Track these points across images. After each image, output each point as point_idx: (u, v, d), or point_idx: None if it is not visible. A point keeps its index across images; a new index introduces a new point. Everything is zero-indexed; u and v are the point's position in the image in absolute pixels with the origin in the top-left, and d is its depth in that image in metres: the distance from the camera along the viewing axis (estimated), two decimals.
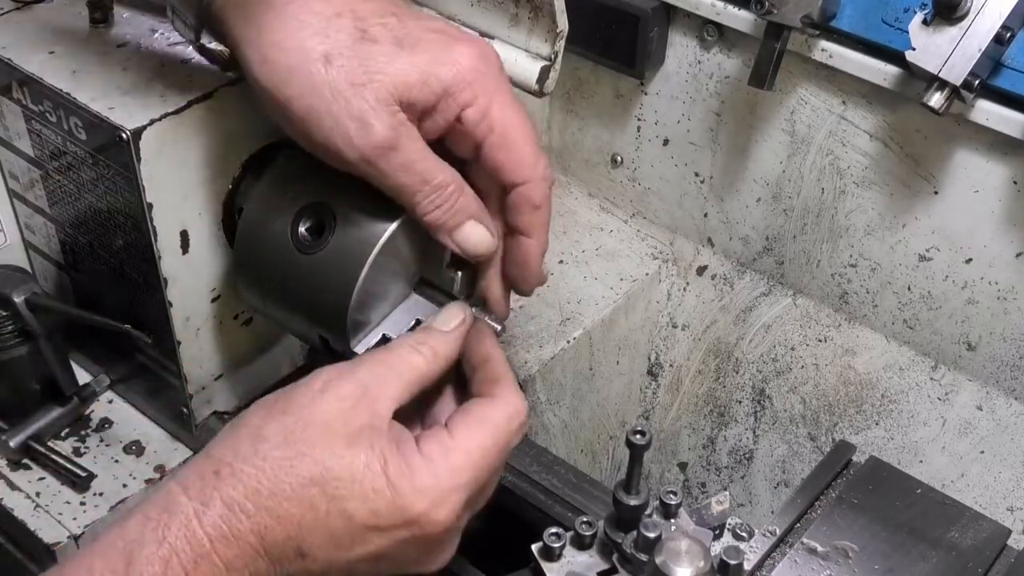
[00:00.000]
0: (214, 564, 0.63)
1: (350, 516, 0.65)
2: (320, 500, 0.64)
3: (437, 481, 0.66)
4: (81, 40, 0.88)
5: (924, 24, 0.91)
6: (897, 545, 0.81)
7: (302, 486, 0.64)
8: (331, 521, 0.65)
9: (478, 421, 0.70)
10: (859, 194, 1.10)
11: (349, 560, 0.66)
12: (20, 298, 0.91)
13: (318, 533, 0.64)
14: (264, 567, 0.64)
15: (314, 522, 0.64)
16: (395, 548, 0.66)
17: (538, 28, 0.83)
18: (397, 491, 0.65)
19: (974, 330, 1.08)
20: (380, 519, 0.65)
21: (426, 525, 0.66)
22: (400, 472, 0.66)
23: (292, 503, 0.64)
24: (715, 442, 1.28)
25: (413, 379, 0.71)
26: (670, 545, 0.67)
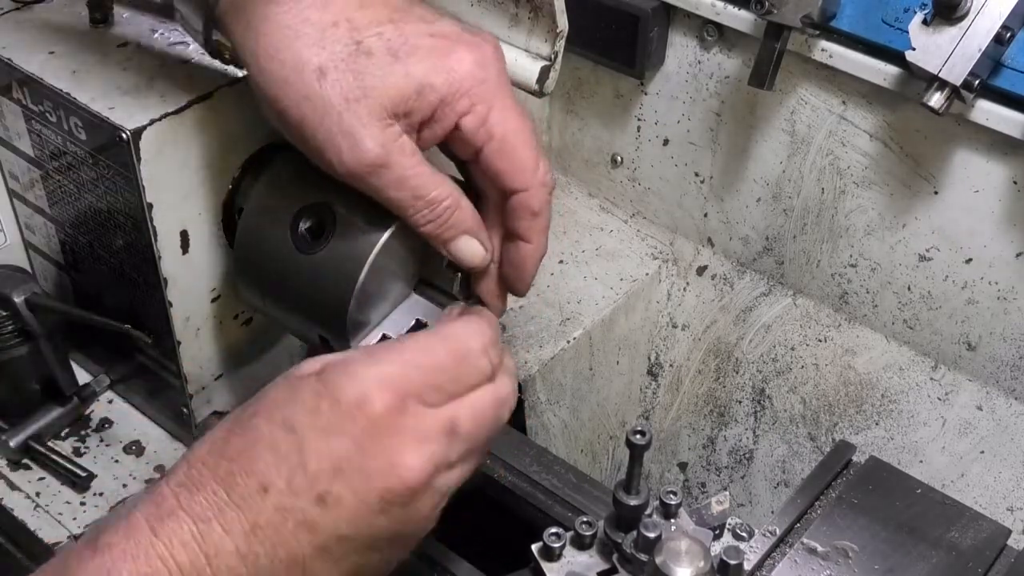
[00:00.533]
0: (179, 517, 0.61)
1: (292, 426, 0.63)
2: (263, 424, 0.63)
3: (372, 366, 0.65)
4: (81, 40, 0.88)
5: (924, 24, 0.91)
6: (897, 545, 0.81)
7: (247, 421, 0.64)
8: (277, 439, 0.63)
9: (431, 332, 0.70)
10: (859, 194, 1.10)
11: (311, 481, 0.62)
12: (20, 298, 0.91)
13: (268, 456, 0.62)
14: (232, 515, 0.61)
15: (262, 447, 0.63)
16: (349, 447, 0.63)
17: (538, 28, 0.83)
18: (330, 383, 0.64)
19: (974, 330, 1.08)
20: (320, 417, 0.63)
21: (366, 406, 0.63)
22: (331, 367, 0.65)
23: (238, 437, 0.64)
24: (715, 442, 1.28)
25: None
26: (670, 545, 0.67)
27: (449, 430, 0.66)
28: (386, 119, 0.71)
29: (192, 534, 0.61)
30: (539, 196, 0.75)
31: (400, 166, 0.72)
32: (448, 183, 0.74)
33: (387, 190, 0.72)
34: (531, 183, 0.75)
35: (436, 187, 0.73)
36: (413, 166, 0.72)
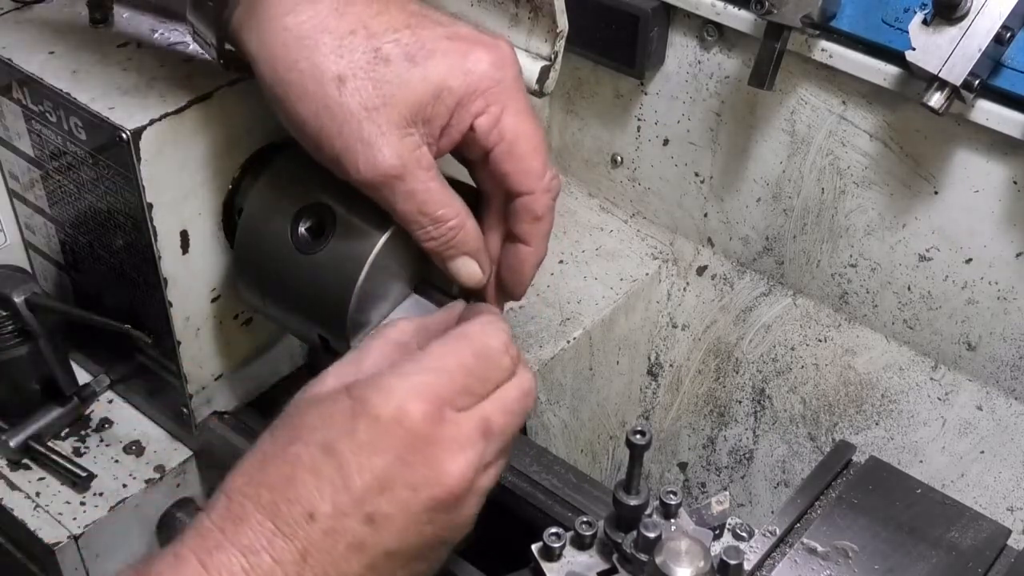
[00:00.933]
0: (228, 550, 0.61)
1: (331, 448, 0.63)
2: (301, 450, 0.63)
3: (402, 379, 0.65)
4: (81, 40, 0.88)
5: (924, 24, 0.91)
6: (897, 545, 0.81)
7: (283, 448, 0.64)
8: (317, 463, 0.63)
9: (452, 336, 0.70)
10: (859, 194, 1.10)
11: (357, 501, 0.62)
12: (20, 298, 0.91)
13: (310, 482, 0.62)
14: (281, 545, 0.61)
15: (304, 473, 0.63)
16: (393, 463, 0.63)
17: (538, 28, 0.83)
18: (363, 401, 0.64)
19: (974, 330, 1.08)
20: (359, 436, 0.63)
21: (404, 420, 0.63)
22: (361, 385, 0.65)
23: (277, 466, 0.63)
24: (715, 442, 1.28)
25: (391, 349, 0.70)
26: (670, 545, 0.67)
27: (484, 431, 0.67)
28: (405, 128, 0.71)
29: (242, 567, 0.61)
30: (543, 201, 0.76)
31: (414, 179, 0.72)
32: (456, 202, 0.75)
33: (397, 202, 0.73)
34: (536, 187, 0.75)
35: (444, 205, 0.74)
36: (425, 180, 0.72)
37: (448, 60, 0.71)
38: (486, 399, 0.68)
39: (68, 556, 0.91)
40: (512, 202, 0.76)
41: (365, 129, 0.70)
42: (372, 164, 0.71)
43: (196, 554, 0.61)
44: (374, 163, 0.71)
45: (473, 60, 0.71)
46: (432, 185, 0.73)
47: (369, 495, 0.63)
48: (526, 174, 0.74)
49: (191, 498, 0.99)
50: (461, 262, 0.77)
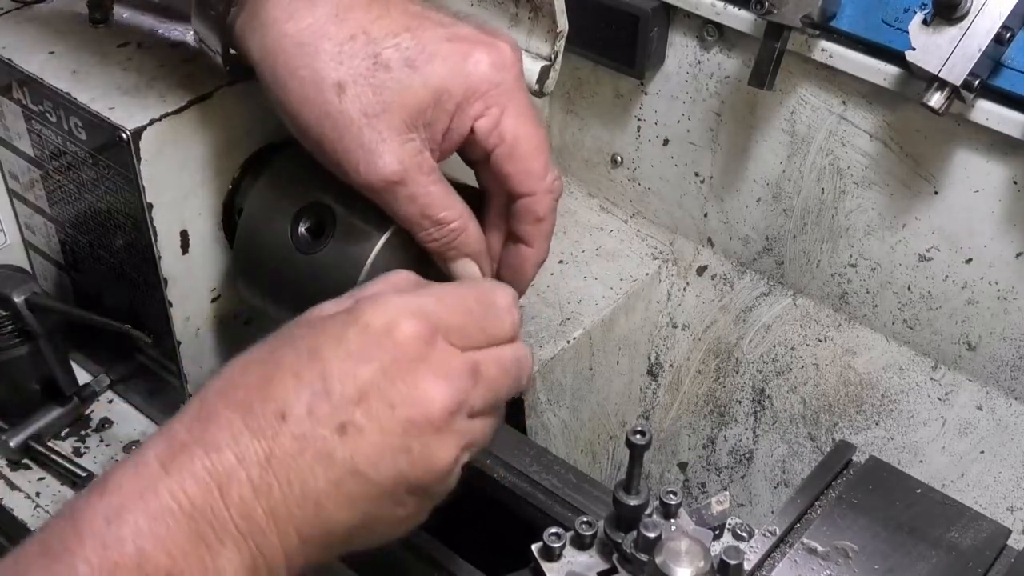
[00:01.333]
0: (192, 453, 0.58)
1: (316, 352, 0.61)
2: (288, 353, 0.62)
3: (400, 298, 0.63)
4: (81, 40, 0.88)
5: (924, 24, 0.91)
6: (897, 545, 0.81)
7: (270, 353, 0.63)
8: (300, 365, 0.61)
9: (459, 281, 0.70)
10: (859, 194, 1.10)
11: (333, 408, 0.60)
12: (20, 298, 0.91)
13: (289, 382, 0.60)
14: (247, 443, 0.58)
15: (284, 373, 0.61)
16: (373, 374, 0.61)
17: (538, 28, 0.83)
18: (358, 311, 0.62)
19: (974, 330, 1.08)
20: (346, 343, 0.61)
21: (394, 332, 0.62)
22: (358, 300, 0.64)
23: (259, 366, 0.62)
24: (715, 442, 1.28)
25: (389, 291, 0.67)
26: (670, 545, 0.67)
27: (473, 371, 0.64)
28: (406, 133, 0.71)
29: (204, 466, 0.58)
30: (545, 202, 0.76)
31: (415, 183, 0.72)
32: (458, 205, 0.75)
33: (399, 206, 0.73)
34: (538, 188, 0.75)
35: (446, 208, 0.74)
36: (427, 184, 0.73)
37: (447, 64, 0.71)
38: (481, 349, 0.65)
39: None
40: (514, 203, 0.76)
41: (366, 135, 0.70)
42: (373, 170, 0.71)
43: (159, 458, 0.58)
44: (375, 169, 0.71)
45: (473, 62, 0.71)
46: (433, 189, 0.73)
47: (346, 403, 0.60)
48: (527, 175, 0.74)
49: None
50: (462, 264, 0.77)
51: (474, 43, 0.72)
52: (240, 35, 0.73)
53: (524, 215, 0.76)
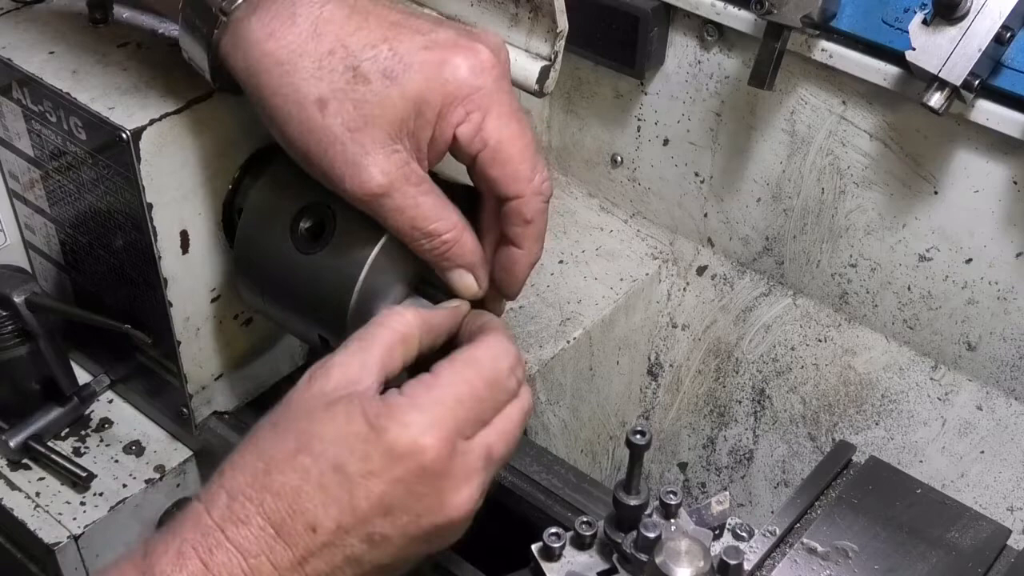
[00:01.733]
0: (229, 551, 0.63)
1: (341, 468, 0.64)
2: (310, 464, 0.64)
3: (419, 412, 0.66)
4: (81, 40, 0.88)
5: (924, 24, 0.91)
6: (897, 545, 0.81)
7: (291, 456, 0.65)
8: (326, 480, 0.64)
9: (462, 361, 0.70)
10: (859, 194, 1.10)
11: (359, 519, 0.64)
12: (20, 298, 0.91)
13: (317, 497, 0.64)
14: (281, 552, 0.63)
15: (311, 487, 0.64)
16: (400, 492, 0.65)
17: (538, 28, 0.83)
18: (380, 430, 0.65)
19: (974, 330, 1.08)
20: (371, 463, 0.64)
21: (418, 455, 0.65)
22: (380, 413, 0.65)
23: (284, 474, 0.64)
24: (715, 442, 1.28)
25: (392, 339, 0.70)
26: (670, 545, 0.67)
27: (487, 458, 0.69)
28: (391, 145, 0.71)
29: (243, 569, 0.63)
30: (532, 204, 0.75)
31: (403, 195, 0.72)
32: (451, 215, 0.74)
33: (388, 218, 0.73)
34: (524, 191, 0.74)
35: (437, 220, 0.74)
36: (415, 195, 0.72)
37: (425, 72, 0.70)
38: (490, 424, 0.70)
39: (68, 556, 0.91)
40: (503, 205, 0.76)
41: (350, 150, 0.71)
42: (359, 184, 0.71)
43: (198, 552, 0.63)
44: (361, 183, 0.71)
45: (450, 69, 0.71)
46: (423, 200, 0.73)
47: (373, 517, 0.65)
48: (513, 179, 0.73)
49: (191, 498, 0.98)
50: (457, 274, 0.77)
51: (451, 49, 0.71)
52: (225, 53, 0.73)
53: (512, 218, 0.75)
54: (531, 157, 0.74)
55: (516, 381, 0.71)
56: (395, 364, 0.70)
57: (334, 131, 0.70)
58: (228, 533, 0.63)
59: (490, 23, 0.85)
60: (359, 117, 0.70)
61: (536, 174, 0.74)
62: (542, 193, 0.75)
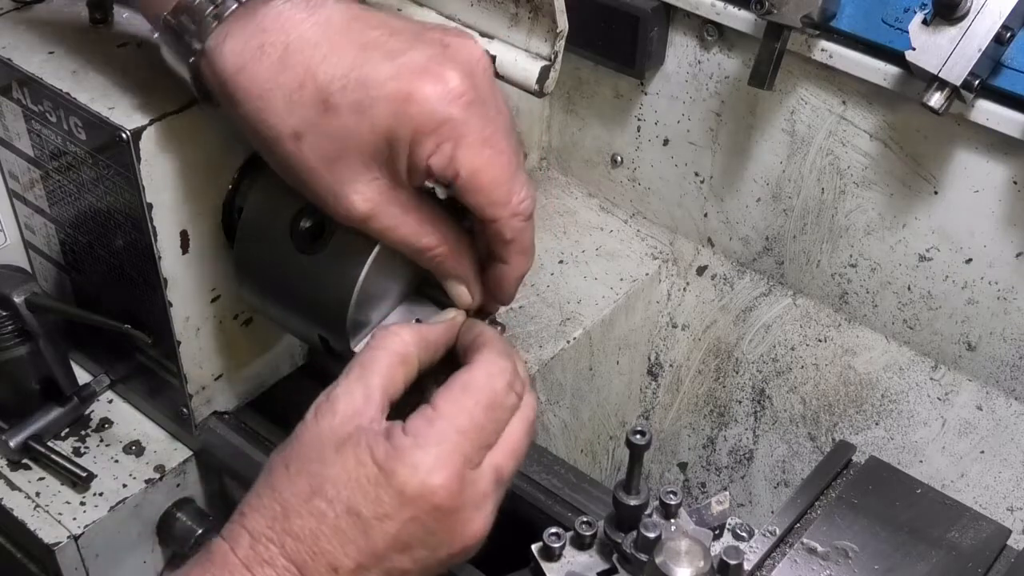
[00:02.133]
0: None
1: (356, 513, 0.66)
2: (325, 507, 0.66)
3: (424, 451, 0.67)
4: (81, 40, 0.88)
5: (924, 24, 0.91)
6: (897, 545, 0.81)
7: (306, 500, 0.67)
8: (342, 524, 0.66)
9: (459, 388, 0.71)
10: (859, 194, 1.10)
11: (378, 558, 0.67)
12: (20, 298, 0.91)
13: (335, 539, 0.66)
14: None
15: (328, 530, 0.66)
16: (415, 530, 0.67)
17: (538, 28, 0.83)
18: (390, 474, 0.66)
19: (974, 330, 1.08)
20: (384, 506, 0.66)
21: (429, 496, 0.67)
22: (388, 455, 0.67)
23: (302, 518, 0.67)
24: (715, 442, 1.28)
25: (392, 360, 0.71)
26: (670, 545, 0.67)
27: (497, 480, 0.70)
28: (368, 173, 0.71)
29: None
30: (511, 225, 0.74)
31: (388, 217, 0.72)
32: (440, 232, 0.74)
33: (378, 236, 0.74)
34: (501, 215, 0.73)
35: (425, 236, 0.74)
36: (400, 216, 0.72)
37: (392, 106, 0.69)
38: (496, 446, 0.71)
39: (68, 556, 0.91)
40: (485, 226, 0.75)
41: (329, 181, 0.71)
42: (343, 211, 0.72)
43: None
44: (345, 210, 0.71)
45: (417, 102, 0.69)
46: (409, 218, 0.73)
47: (390, 554, 0.67)
48: (489, 205, 0.72)
49: (191, 498, 0.99)
50: (451, 284, 0.78)
51: (420, 77, 0.69)
52: (205, 79, 0.73)
53: (494, 238, 0.75)
54: (506, 181, 0.72)
55: (515, 396, 0.72)
56: (397, 387, 0.71)
57: (312, 163, 0.71)
58: (255, 572, 0.66)
59: (490, 23, 0.85)
60: (334, 150, 0.70)
61: (512, 196, 0.73)
62: (520, 213, 0.74)
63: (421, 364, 0.73)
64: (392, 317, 0.81)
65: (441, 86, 0.69)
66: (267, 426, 0.96)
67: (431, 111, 0.69)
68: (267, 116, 0.70)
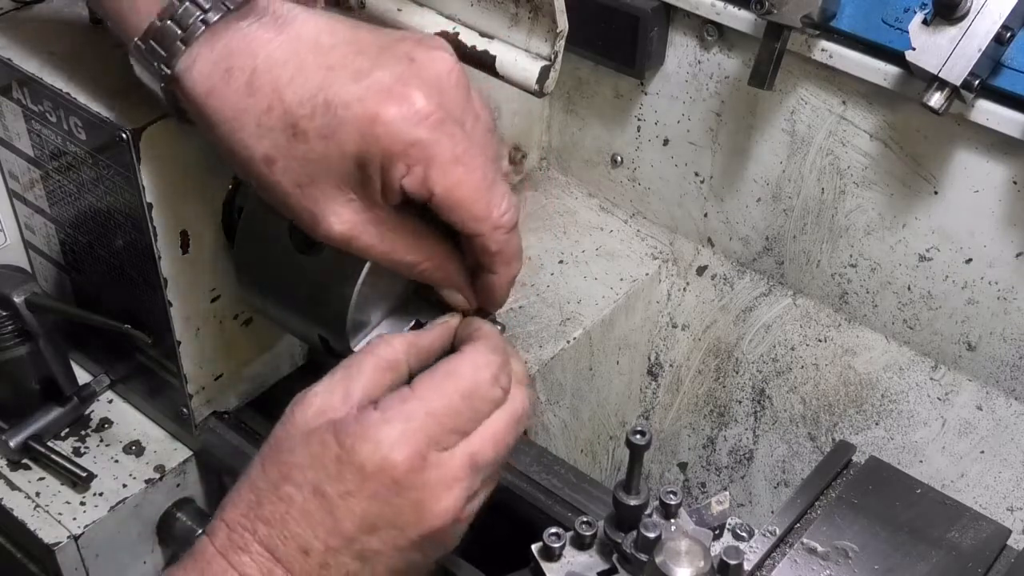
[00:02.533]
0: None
1: (321, 492, 0.67)
2: (294, 492, 0.67)
3: (389, 427, 0.67)
4: (81, 40, 0.88)
5: (924, 24, 0.91)
6: (897, 545, 0.81)
7: (276, 487, 0.68)
8: (309, 506, 0.67)
9: (441, 374, 0.71)
10: (859, 194, 1.10)
11: (348, 540, 0.67)
12: (20, 298, 0.91)
13: (304, 522, 0.67)
14: (281, 573, 0.67)
15: (297, 513, 0.67)
16: (380, 508, 0.67)
17: (538, 28, 0.83)
18: (350, 450, 0.67)
19: (974, 330, 1.08)
20: (346, 483, 0.66)
21: (390, 470, 0.66)
22: (352, 434, 0.67)
23: (272, 504, 0.67)
24: (715, 442, 1.28)
25: (378, 365, 0.71)
26: (670, 545, 0.67)
27: (471, 465, 0.70)
28: (344, 194, 0.70)
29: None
30: (494, 238, 0.73)
31: (368, 235, 0.71)
32: (423, 246, 0.74)
33: (361, 255, 0.74)
34: (482, 230, 0.72)
35: (407, 253, 0.73)
36: (380, 234, 0.72)
37: (359, 129, 0.68)
38: (473, 433, 0.70)
39: (68, 556, 0.91)
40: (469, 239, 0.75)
41: (303, 204, 0.71)
42: (322, 232, 0.71)
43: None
44: (324, 231, 0.71)
45: (383, 124, 0.67)
46: (389, 235, 0.72)
47: (359, 535, 0.67)
48: (469, 220, 0.72)
49: (191, 498, 0.99)
50: (445, 292, 0.78)
51: (385, 99, 0.68)
52: (178, 100, 0.73)
53: (478, 251, 0.74)
54: (484, 196, 0.71)
55: (500, 390, 0.72)
56: (381, 391, 0.71)
57: (285, 187, 0.70)
58: (231, 559, 0.67)
59: (490, 23, 0.85)
60: (305, 174, 0.69)
61: (492, 210, 0.72)
62: (502, 226, 0.73)
63: (412, 369, 0.73)
64: (392, 317, 0.81)
65: (407, 107, 0.68)
66: (267, 426, 0.95)
67: (398, 133, 0.67)
68: (239, 139, 0.70)
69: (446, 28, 0.85)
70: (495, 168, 0.72)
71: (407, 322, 0.81)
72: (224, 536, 0.68)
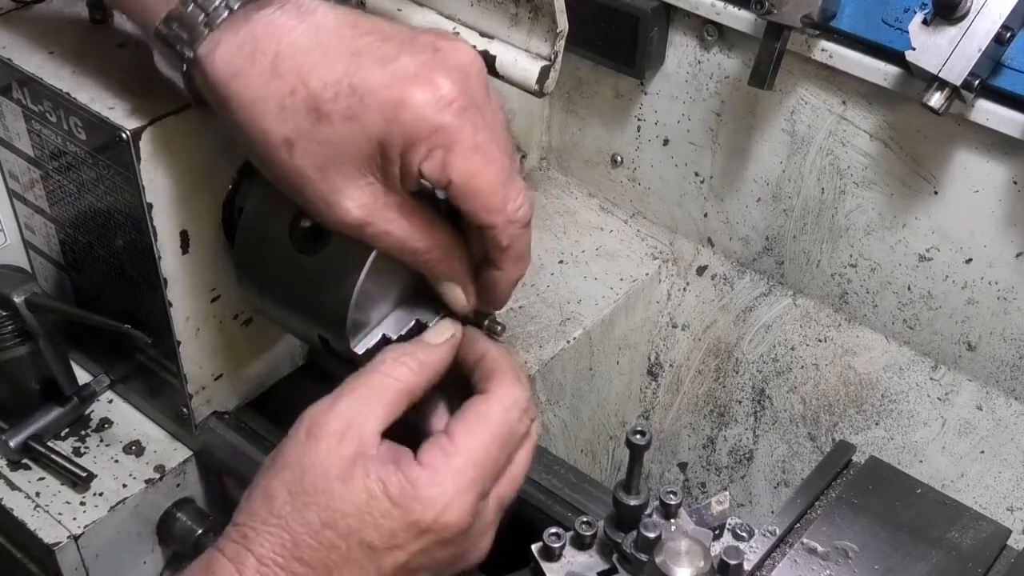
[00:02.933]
0: None
1: (369, 544, 0.67)
2: (337, 540, 0.67)
3: (442, 488, 0.68)
4: (81, 40, 0.88)
5: (924, 24, 0.91)
6: (897, 545, 0.81)
7: (317, 532, 0.67)
8: (354, 555, 0.67)
9: (475, 419, 0.72)
10: (859, 194, 1.10)
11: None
12: (20, 298, 0.91)
13: (347, 570, 0.67)
14: None
15: (340, 560, 0.67)
16: (424, 559, 0.69)
17: (538, 28, 0.83)
18: (404, 509, 0.67)
19: (974, 330, 1.08)
20: (397, 539, 0.67)
21: (442, 531, 0.68)
22: (402, 490, 0.68)
23: (313, 549, 0.67)
24: (715, 442, 1.28)
25: (398, 393, 0.72)
26: (670, 545, 0.67)
27: (500, 507, 0.73)
28: (364, 178, 0.70)
29: None
30: (507, 232, 0.73)
31: (382, 221, 0.72)
32: (435, 235, 0.74)
33: (372, 242, 0.74)
34: (497, 222, 0.72)
35: (419, 240, 0.73)
36: (395, 220, 0.72)
37: (384, 113, 0.68)
38: (504, 476, 0.73)
39: (68, 556, 0.91)
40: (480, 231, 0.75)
41: (322, 188, 0.70)
42: (337, 218, 0.71)
43: None
44: (339, 217, 0.71)
45: (409, 108, 0.68)
46: (403, 223, 0.72)
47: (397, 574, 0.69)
48: (484, 211, 0.72)
49: (191, 498, 0.99)
50: (446, 286, 0.78)
51: (412, 84, 0.68)
52: (198, 87, 0.73)
53: (489, 244, 0.74)
54: (501, 187, 0.71)
55: (527, 424, 0.74)
56: (398, 415, 0.72)
57: (304, 171, 0.70)
58: None
59: (490, 23, 0.85)
60: (326, 157, 0.70)
61: (508, 203, 0.72)
62: (516, 220, 0.73)
63: (425, 391, 0.74)
64: (392, 317, 0.81)
65: (433, 92, 0.68)
66: (267, 426, 0.96)
67: (423, 118, 0.68)
68: (260, 123, 0.70)
69: (446, 28, 0.85)
70: (512, 163, 0.73)
71: (407, 322, 0.81)
72: (254, 570, 0.67)
